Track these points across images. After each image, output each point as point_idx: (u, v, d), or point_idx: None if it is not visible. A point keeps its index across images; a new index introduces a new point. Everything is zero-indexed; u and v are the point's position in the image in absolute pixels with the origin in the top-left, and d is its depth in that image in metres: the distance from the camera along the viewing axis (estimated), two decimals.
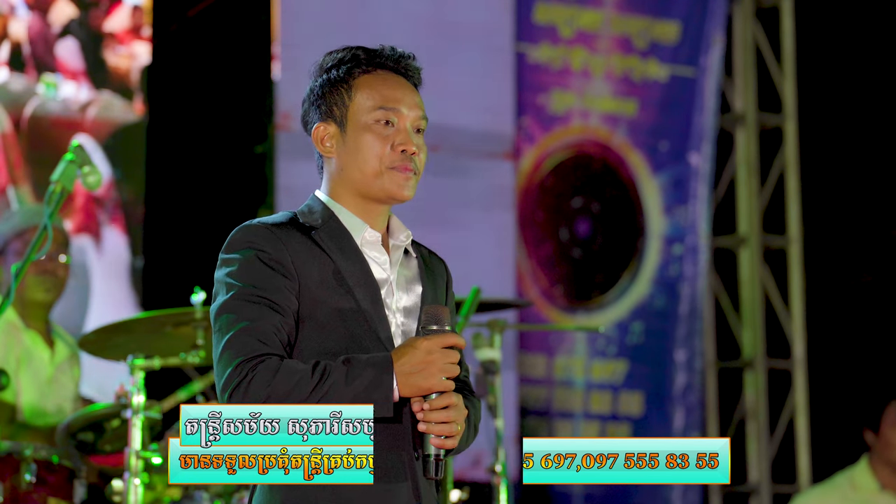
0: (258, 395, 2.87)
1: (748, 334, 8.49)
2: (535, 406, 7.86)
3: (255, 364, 2.88)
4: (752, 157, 8.56)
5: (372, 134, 3.08)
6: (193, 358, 4.61)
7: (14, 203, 6.52)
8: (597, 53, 8.13)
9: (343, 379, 2.88)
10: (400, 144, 3.08)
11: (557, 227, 8.04)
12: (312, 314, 2.98)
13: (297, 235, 3.02)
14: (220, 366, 2.93)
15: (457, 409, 2.94)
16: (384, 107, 3.09)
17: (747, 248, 8.54)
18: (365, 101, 3.09)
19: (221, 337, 2.94)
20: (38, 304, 5.47)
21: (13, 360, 5.32)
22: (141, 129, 6.90)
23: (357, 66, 3.12)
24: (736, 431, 8.45)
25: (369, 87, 3.11)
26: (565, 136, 8.08)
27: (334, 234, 3.05)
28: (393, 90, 3.12)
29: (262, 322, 2.92)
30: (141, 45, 6.93)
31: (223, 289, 2.99)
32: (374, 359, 2.91)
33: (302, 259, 2.99)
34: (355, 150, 3.08)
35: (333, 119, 3.11)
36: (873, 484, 6.28)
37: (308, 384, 2.87)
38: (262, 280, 2.96)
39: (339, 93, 3.11)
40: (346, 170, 3.09)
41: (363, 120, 3.09)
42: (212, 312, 2.99)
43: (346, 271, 3.02)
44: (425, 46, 7.84)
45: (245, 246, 3.00)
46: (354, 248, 3.06)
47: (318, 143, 3.12)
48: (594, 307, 8.08)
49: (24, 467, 4.45)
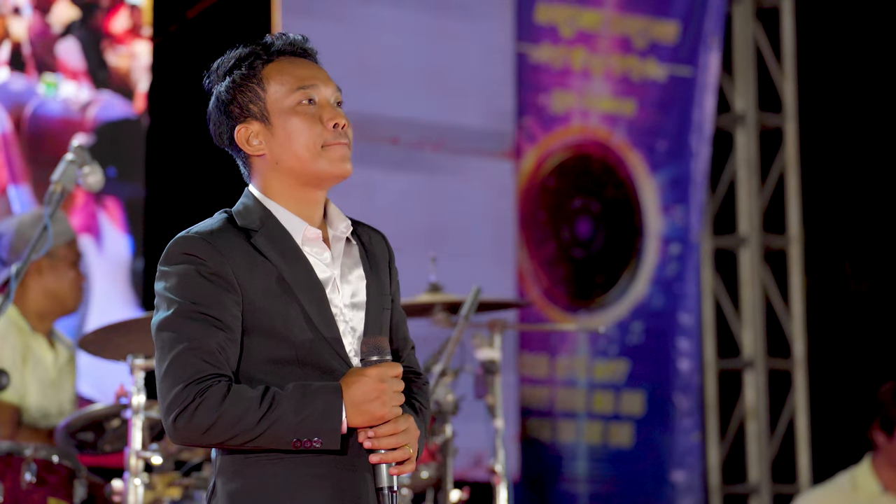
0: (204, 421, 2.82)
1: (748, 334, 8.49)
2: (538, 406, 7.86)
3: (204, 388, 2.83)
4: (752, 157, 8.56)
5: (298, 116, 3.00)
6: None
7: (14, 203, 6.52)
8: (597, 53, 8.13)
9: (291, 408, 2.82)
10: (330, 119, 3.00)
11: (559, 227, 8.04)
12: (258, 324, 2.91)
13: (236, 243, 2.95)
14: (164, 386, 2.87)
15: (407, 433, 2.90)
16: (302, 86, 3.01)
17: (747, 248, 8.54)
18: (280, 88, 3.02)
19: (164, 355, 2.88)
20: (55, 314, 5.51)
21: (20, 363, 5.33)
22: (141, 129, 6.90)
23: (258, 59, 3.04)
24: (736, 431, 8.45)
25: (279, 72, 3.03)
26: (566, 136, 8.08)
27: (274, 238, 2.98)
28: (303, 69, 3.04)
29: (205, 340, 2.86)
30: (141, 44, 6.93)
31: (163, 304, 2.92)
32: (324, 388, 2.86)
33: (243, 269, 2.92)
34: (286, 138, 3.00)
35: (253, 116, 3.03)
36: (875, 485, 6.26)
37: (256, 413, 2.81)
38: (203, 296, 2.89)
39: (250, 89, 3.03)
40: (281, 161, 3.01)
41: (285, 105, 3.01)
42: (153, 326, 2.93)
43: (289, 277, 2.94)
44: (426, 46, 7.87)
45: (183, 259, 2.92)
46: (295, 249, 2.98)
47: (244, 144, 3.04)
48: (595, 307, 8.08)
49: (24, 467, 4.44)
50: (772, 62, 8.61)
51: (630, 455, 8.04)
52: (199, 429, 2.83)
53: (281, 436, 2.83)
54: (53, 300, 5.48)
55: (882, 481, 6.26)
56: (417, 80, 7.43)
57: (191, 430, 2.84)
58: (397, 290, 3.14)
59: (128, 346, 4.65)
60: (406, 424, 2.90)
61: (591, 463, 7.94)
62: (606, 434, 8.01)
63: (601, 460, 7.97)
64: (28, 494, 4.44)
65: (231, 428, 2.82)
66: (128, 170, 6.84)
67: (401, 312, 3.15)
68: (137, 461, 4.47)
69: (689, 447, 8.09)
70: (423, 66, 7.51)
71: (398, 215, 7.06)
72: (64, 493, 4.52)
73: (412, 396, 3.04)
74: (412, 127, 7.31)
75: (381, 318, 3.05)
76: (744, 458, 8.41)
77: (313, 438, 2.84)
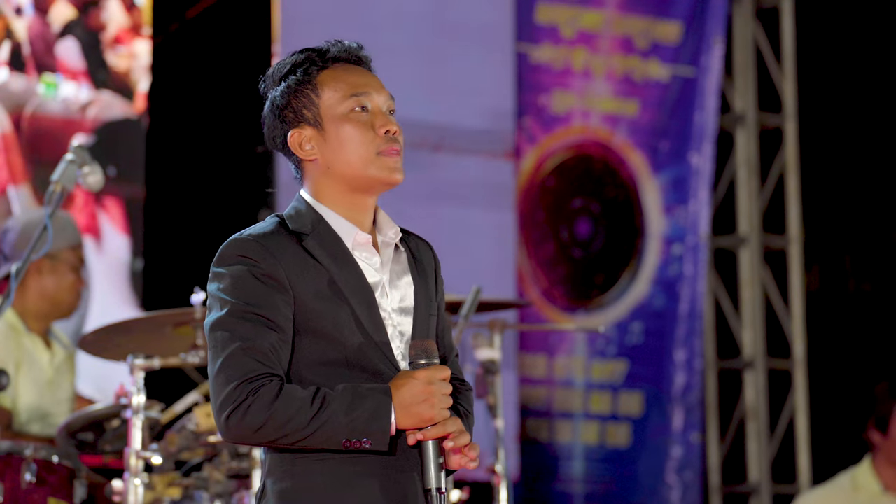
0: (256, 420, 2.87)
1: (748, 334, 8.49)
2: (536, 406, 7.86)
3: (257, 387, 2.87)
4: (752, 157, 8.56)
5: (351, 123, 3.05)
6: (193, 358, 4.60)
7: (14, 203, 6.52)
8: (598, 54, 8.13)
9: (342, 409, 2.87)
10: (382, 126, 3.05)
11: (558, 227, 8.04)
12: (309, 326, 2.96)
13: (288, 246, 3.00)
14: (217, 385, 2.91)
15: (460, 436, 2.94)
16: (355, 93, 3.07)
17: (747, 248, 8.54)
18: (334, 94, 3.07)
19: (217, 355, 2.92)
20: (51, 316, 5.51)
21: (12, 364, 5.32)
22: (141, 129, 6.90)
23: (313, 65, 3.10)
24: (736, 431, 8.45)
25: (334, 79, 3.08)
26: (566, 137, 8.08)
27: (325, 241, 3.03)
28: (357, 77, 3.10)
29: (258, 340, 2.90)
30: (141, 44, 6.93)
31: (217, 304, 2.96)
32: (373, 390, 2.91)
33: (295, 271, 2.97)
34: (339, 144, 3.05)
35: (306, 121, 3.08)
36: (876, 485, 6.26)
37: (307, 412, 2.86)
38: (255, 296, 2.93)
39: (304, 95, 3.08)
40: (334, 166, 3.06)
41: (339, 111, 3.06)
42: (206, 327, 2.97)
43: (339, 280, 2.99)
44: (426, 46, 7.86)
45: (236, 261, 2.97)
46: (346, 253, 3.03)
47: (297, 149, 3.08)
48: (594, 307, 8.08)
49: (24, 467, 4.44)
50: (772, 62, 8.61)
51: (628, 455, 8.04)
52: (251, 427, 2.87)
53: (331, 436, 2.88)
54: (50, 302, 5.47)
55: (882, 481, 6.26)
56: (417, 80, 7.42)
57: (243, 429, 2.88)
58: (442, 300, 3.21)
59: (128, 346, 4.65)
60: (455, 427, 2.94)
61: (588, 463, 7.94)
62: (604, 434, 8.01)
63: (598, 460, 7.97)
64: (28, 494, 4.44)
65: (282, 427, 2.87)
66: (128, 170, 6.84)
67: (446, 321, 3.21)
68: (137, 461, 4.47)
69: (688, 447, 8.09)
70: (423, 65, 7.50)
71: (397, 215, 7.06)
72: (64, 493, 4.52)
73: (458, 402, 3.08)
74: (412, 127, 7.29)
75: (429, 323, 3.11)
76: (744, 458, 8.41)
77: (363, 439, 2.89)
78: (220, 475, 4.65)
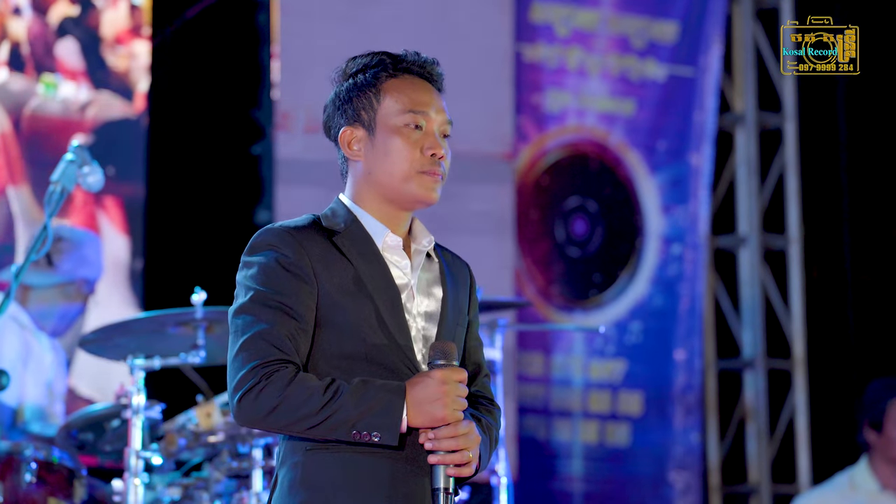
0: (268, 403, 2.90)
1: (748, 334, 8.49)
2: (533, 404, 7.85)
3: (271, 371, 2.91)
4: (752, 157, 8.56)
5: (401, 137, 3.10)
6: (193, 358, 4.61)
7: (14, 203, 6.52)
8: (593, 53, 8.12)
9: (353, 401, 2.90)
10: (429, 148, 3.10)
11: (552, 225, 8.03)
12: (331, 319, 3.00)
13: (318, 240, 3.04)
14: (234, 366, 2.95)
15: (467, 438, 2.95)
16: (413, 110, 3.11)
17: (747, 248, 8.54)
18: (394, 105, 3.11)
19: (237, 339, 2.97)
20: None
21: (19, 363, 5.33)
22: (140, 129, 6.90)
23: (384, 71, 3.14)
24: (736, 431, 8.45)
25: (398, 90, 3.13)
26: (561, 135, 8.08)
27: (356, 239, 3.07)
28: (421, 94, 3.15)
29: (277, 327, 2.95)
30: (141, 44, 6.93)
31: (242, 291, 3.02)
32: (387, 385, 2.93)
33: (322, 264, 3.01)
34: (384, 154, 3.10)
35: (361, 123, 3.12)
36: (873, 484, 6.27)
37: (319, 400, 2.89)
38: (280, 285, 2.98)
39: (366, 97, 3.13)
40: (374, 173, 3.11)
41: (392, 123, 3.10)
42: (230, 313, 3.02)
43: (365, 276, 3.03)
44: (423, 45, 7.82)
45: (266, 249, 3.02)
46: (375, 253, 3.07)
47: (345, 146, 3.14)
48: (591, 306, 8.07)
49: (24, 467, 4.45)
50: (771, 62, 8.61)
51: (627, 455, 8.04)
52: (262, 410, 2.91)
53: (341, 425, 2.90)
54: None
55: (880, 479, 6.27)
56: None
57: (254, 411, 2.92)
58: (475, 318, 3.23)
59: (128, 346, 4.66)
60: (467, 429, 2.96)
61: (586, 462, 7.94)
62: (603, 433, 8.01)
63: (597, 459, 7.97)
64: (28, 494, 4.44)
65: (293, 412, 2.90)
66: (127, 170, 6.84)
67: (477, 339, 3.23)
68: (137, 461, 4.47)
69: (688, 447, 8.09)
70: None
71: None
72: (64, 493, 4.52)
73: (478, 414, 3.11)
74: None
75: (455, 332, 3.13)
76: (744, 458, 8.41)
77: (372, 432, 2.91)
78: (220, 475, 4.65)
